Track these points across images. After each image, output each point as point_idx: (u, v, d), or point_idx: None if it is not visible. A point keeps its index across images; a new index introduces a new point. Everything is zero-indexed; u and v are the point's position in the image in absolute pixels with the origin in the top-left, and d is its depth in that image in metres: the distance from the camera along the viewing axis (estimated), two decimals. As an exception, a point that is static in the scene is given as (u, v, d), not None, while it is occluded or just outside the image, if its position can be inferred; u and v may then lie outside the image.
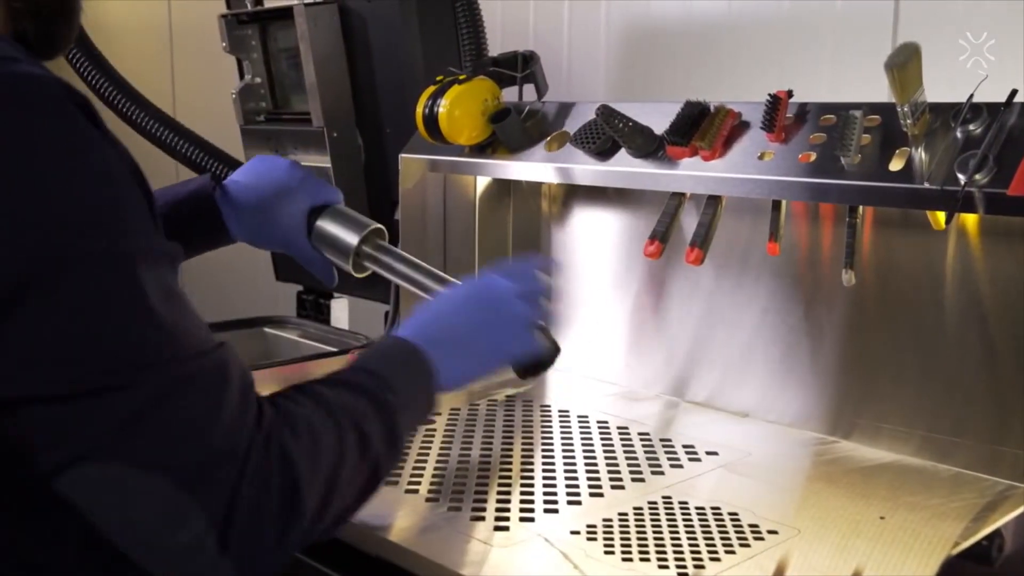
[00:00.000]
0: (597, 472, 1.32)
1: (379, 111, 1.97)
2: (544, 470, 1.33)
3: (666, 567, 1.05)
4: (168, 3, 3.21)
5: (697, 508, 1.19)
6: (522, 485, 1.27)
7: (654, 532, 1.13)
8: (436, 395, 1.00)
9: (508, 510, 1.19)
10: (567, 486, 1.27)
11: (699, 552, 1.08)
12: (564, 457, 1.37)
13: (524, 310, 1.08)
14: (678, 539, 1.11)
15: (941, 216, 1.22)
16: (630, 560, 1.06)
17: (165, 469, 0.73)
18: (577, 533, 1.13)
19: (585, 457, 1.37)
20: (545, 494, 1.24)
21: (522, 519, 1.17)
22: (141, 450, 0.73)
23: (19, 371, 0.71)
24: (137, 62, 3.26)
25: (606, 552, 1.08)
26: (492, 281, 1.10)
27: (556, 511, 1.20)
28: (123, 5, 3.24)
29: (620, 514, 1.18)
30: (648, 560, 1.06)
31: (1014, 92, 1.16)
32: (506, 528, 1.15)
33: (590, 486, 1.27)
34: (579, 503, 1.22)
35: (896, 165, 1.20)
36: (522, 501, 1.22)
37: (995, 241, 1.28)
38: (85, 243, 0.73)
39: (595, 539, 1.12)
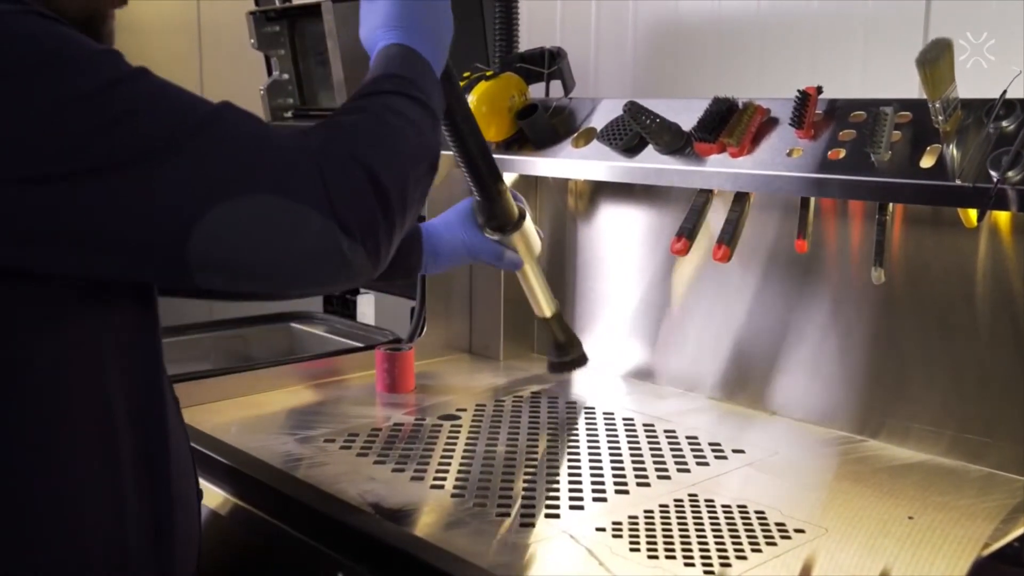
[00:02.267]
0: (623, 469, 1.32)
1: (406, 107, 1.97)
2: (570, 467, 1.33)
3: (692, 565, 1.04)
4: (197, 0, 3.23)
5: (723, 506, 1.19)
6: (548, 481, 1.27)
7: (680, 530, 1.13)
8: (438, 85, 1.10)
9: (533, 506, 1.19)
10: (593, 483, 1.27)
11: (725, 550, 1.08)
12: (590, 454, 1.37)
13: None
14: (704, 537, 1.11)
15: (973, 214, 1.21)
16: (656, 558, 1.06)
17: (262, 189, 0.80)
18: (603, 530, 1.13)
19: (611, 454, 1.37)
20: (571, 491, 1.24)
21: (547, 515, 1.17)
22: (239, 184, 0.80)
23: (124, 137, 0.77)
24: (166, 58, 3.29)
25: (632, 549, 1.08)
26: None
27: (582, 508, 1.20)
28: (152, 3, 3.27)
29: (646, 511, 1.18)
30: (674, 558, 1.06)
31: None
32: (531, 524, 1.15)
33: (616, 483, 1.27)
34: (605, 500, 1.22)
35: (927, 162, 1.19)
36: (548, 497, 1.22)
37: (1028, 239, 1.27)
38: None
39: (621, 536, 1.12)
